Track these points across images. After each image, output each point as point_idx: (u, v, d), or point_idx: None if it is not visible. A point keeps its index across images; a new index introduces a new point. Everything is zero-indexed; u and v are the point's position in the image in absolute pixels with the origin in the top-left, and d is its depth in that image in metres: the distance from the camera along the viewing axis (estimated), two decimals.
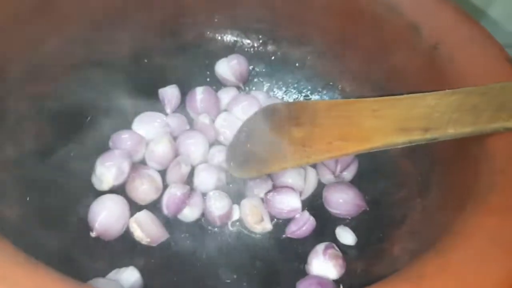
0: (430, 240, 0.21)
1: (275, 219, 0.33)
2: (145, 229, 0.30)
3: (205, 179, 0.34)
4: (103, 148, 0.34)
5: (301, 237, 0.32)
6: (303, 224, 0.32)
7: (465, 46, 0.29)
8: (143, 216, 0.31)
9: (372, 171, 0.35)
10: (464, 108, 0.26)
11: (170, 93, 0.38)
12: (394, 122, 0.28)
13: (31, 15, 0.29)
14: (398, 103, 0.28)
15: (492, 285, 0.16)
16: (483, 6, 0.44)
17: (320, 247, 0.29)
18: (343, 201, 0.33)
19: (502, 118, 0.24)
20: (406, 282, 0.16)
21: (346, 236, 0.32)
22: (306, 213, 0.33)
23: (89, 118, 0.34)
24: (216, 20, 0.39)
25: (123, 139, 0.34)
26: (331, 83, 0.39)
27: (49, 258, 0.19)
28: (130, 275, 0.26)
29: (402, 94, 0.29)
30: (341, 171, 0.34)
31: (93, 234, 0.29)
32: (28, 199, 0.28)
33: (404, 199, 0.31)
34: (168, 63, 0.38)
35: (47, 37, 0.30)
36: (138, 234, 0.30)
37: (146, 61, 0.37)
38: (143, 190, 0.32)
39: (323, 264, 0.28)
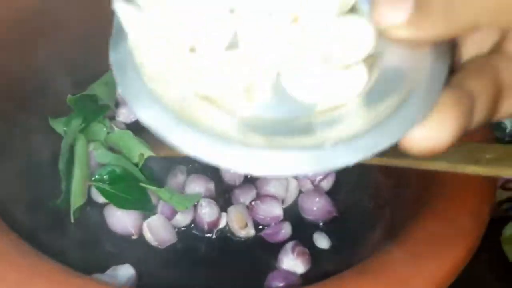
0: None
1: (259, 226, 0.37)
2: (154, 233, 0.34)
3: (195, 188, 0.37)
4: None
5: (276, 241, 0.35)
6: (279, 231, 0.35)
7: None
8: (155, 220, 0.34)
9: (348, 182, 0.38)
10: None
11: None
12: None
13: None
14: None
15: (422, 278, 0.20)
16: None
17: (289, 245, 0.33)
18: (315, 208, 0.36)
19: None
20: (352, 276, 0.20)
21: (322, 241, 0.35)
22: (286, 223, 0.36)
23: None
24: None
25: None
26: None
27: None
28: (125, 271, 0.29)
29: None
30: (320, 181, 0.38)
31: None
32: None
33: (375, 209, 0.35)
34: None
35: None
36: (148, 236, 0.34)
37: None
38: None
39: (291, 261, 0.32)
